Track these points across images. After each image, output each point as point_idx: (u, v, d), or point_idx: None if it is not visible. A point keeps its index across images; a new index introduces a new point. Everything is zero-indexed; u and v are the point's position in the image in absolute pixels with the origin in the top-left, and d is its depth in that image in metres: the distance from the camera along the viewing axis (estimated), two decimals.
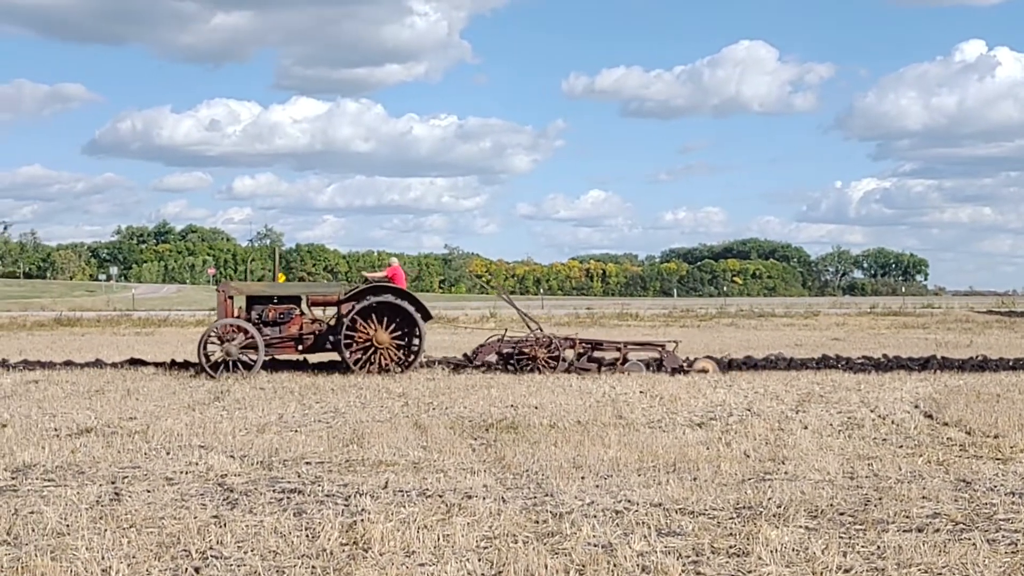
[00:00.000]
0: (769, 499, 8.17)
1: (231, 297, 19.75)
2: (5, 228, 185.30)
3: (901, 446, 10.88)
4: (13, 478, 9.10)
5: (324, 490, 8.61)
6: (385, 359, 18.65)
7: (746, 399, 14.81)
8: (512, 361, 19.06)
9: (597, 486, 8.77)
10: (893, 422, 12.58)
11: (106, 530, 7.21)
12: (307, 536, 7.09)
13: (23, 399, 14.88)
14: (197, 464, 9.73)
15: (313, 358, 20.21)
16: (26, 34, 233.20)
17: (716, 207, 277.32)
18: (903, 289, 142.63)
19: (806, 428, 12.04)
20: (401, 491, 8.55)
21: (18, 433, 11.55)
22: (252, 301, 19.65)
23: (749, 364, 20.34)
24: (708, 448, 10.60)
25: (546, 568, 6.35)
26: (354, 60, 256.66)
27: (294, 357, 19.99)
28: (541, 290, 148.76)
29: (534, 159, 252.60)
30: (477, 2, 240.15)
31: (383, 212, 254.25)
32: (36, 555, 6.54)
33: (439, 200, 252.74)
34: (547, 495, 8.39)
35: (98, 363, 20.31)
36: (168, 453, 10.36)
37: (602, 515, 7.68)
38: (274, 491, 8.58)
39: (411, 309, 18.85)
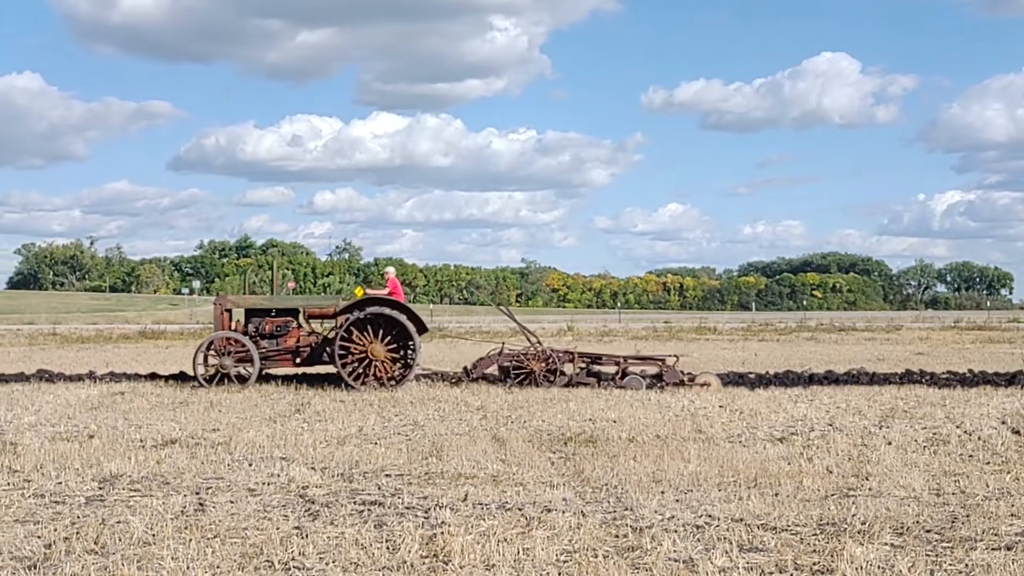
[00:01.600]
0: (853, 515, 8.05)
1: (228, 310, 19.98)
2: (92, 243, 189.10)
3: (988, 462, 10.66)
4: (100, 488, 9.27)
5: (404, 502, 8.65)
6: (380, 372, 18.69)
7: (828, 414, 14.62)
8: (511, 375, 19.09)
9: (677, 500, 8.71)
10: (979, 438, 12.33)
11: (191, 540, 7.30)
12: (388, 548, 7.13)
13: (110, 410, 15.16)
14: (279, 475, 9.83)
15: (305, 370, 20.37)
16: (115, 53, 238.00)
17: (795, 220, 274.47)
18: (987, 303, 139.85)
19: (890, 444, 11.85)
20: (480, 504, 8.56)
21: (105, 444, 11.77)
22: (250, 314, 19.86)
23: (830, 379, 20.07)
24: (790, 463, 10.47)
25: None
26: (434, 75, 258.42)
27: (291, 370, 20.17)
28: (618, 304, 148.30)
29: (612, 173, 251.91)
30: (557, 17, 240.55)
31: (461, 226, 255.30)
32: (123, 564, 6.65)
33: (517, 214, 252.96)
34: (627, 509, 8.35)
35: (182, 375, 20.61)
36: (250, 464, 10.48)
37: (682, 530, 7.63)
38: (355, 503, 8.64)
39: (405, 321, 18.86)
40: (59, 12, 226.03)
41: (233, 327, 19.77)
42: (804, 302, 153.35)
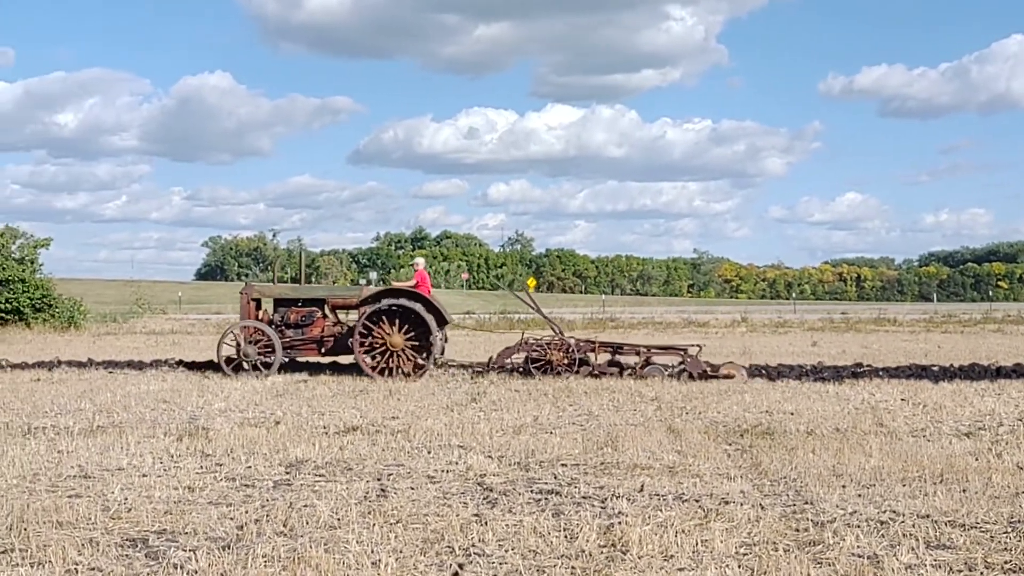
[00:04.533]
0: None
1: (255, 299, 20.38)
2: (274, 235, 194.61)
3: None
4: (287, 473, 9.59)
5: (580, 492, 8.69)
6: (399, 362, 18.85)
7: (1017, 408, 14.07)
8: (533, 365, 18.99)
9: (859, 495, 8.52)
10: None
11: (374, 524, 7.49)
12: (566, 537, 7.18)
13: (294, 398, 15.66)
14: (457, 463, 9.99)
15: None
16: (300, 51, 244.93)
17: (981, 208, 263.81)
18: None
19: None
20: (657, 495, 8.54)
21: (290, 430, 12.16)
22: (278, 303, 20.35)
23: (1020, 372, 19.29)
24: (977, 459, 10.12)
25: None
26: (609, 66, 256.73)
27: (317, 359, 20.57)
28: (793, 295, 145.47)
29: (788, 162, 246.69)
30: (734, 5, 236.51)
31: (634, 217, 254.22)
32: (311, 546, 6.86)
33: (690, 204, 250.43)
34: (806, 503, 8.21)
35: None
36: (429, 452, 10.69)
37: (866, 525, 7.46)
38: (531, 491, 8.72)
39: (423, 314, 18.92)
40: (248, 13, 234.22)
41: (260, 316, 20.25)
42: (989, 293, 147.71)
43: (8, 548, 6.91)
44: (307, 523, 7.57)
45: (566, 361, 18.92)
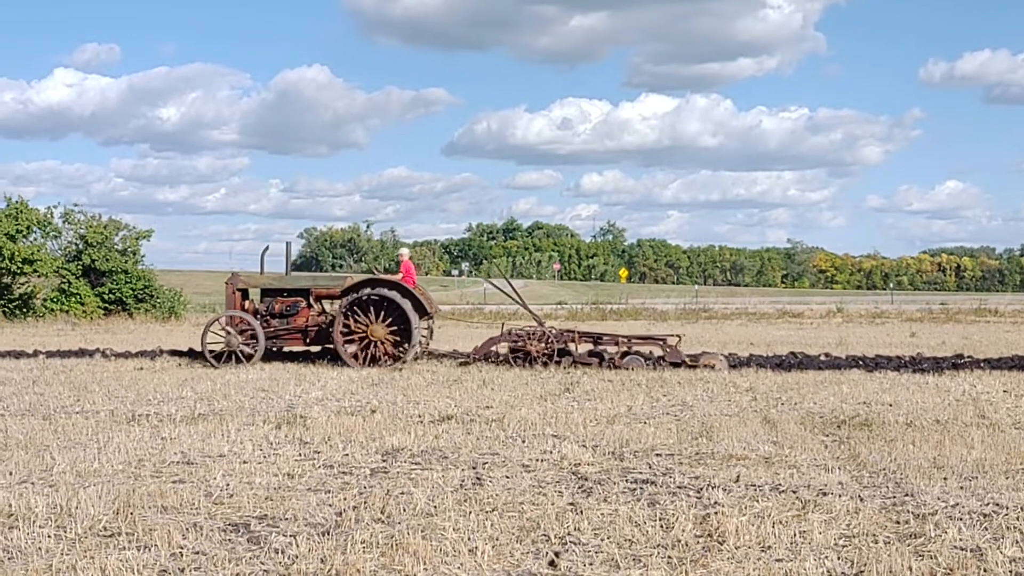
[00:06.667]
0: None
1: (240, 290, 20.56)
2: (368, 227, 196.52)
3: None
4: (384, 460, 9.69)
5: (676, 482, 8.66)
6: (380, 352, 19.02)
7: None
8: (512, 355, 19.01)
9: (961, 488, 8.37)
10: None
11: (470, 512, 7.55)
12: (661, 526, 7.16)
13: (389, 387, 15.82)
14: (551, 452, 10.02)
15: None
16: (396, 44, 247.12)
17: None
18: None
19: None
20: (753, 485, 8.48)
21: (386, 419, 12.29)
22: (264, 293, 20.58)
23: None
24: None
25: (910, 570, 6.13)
26: (705, 55, 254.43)
27: (301, 348, 20.73)
28: (890, 285, 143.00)
29: (887, 150, 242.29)
30: None
31: (727, 207, 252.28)
32: (408, 533, 6.94)
33: (785, 194, 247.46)
34: (907, 495, 8.09)
35: (454, 354, 21.26)
36: (523, 441, 10.73)
37: (968, 518, 7.33)
38: (626, 481, 8.72)
39: (403, 303, 19.01)
40: (346, 7, 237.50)
41: (247, 306, 20.48)
42: None
43: (115, 532, 7.09)
44: (404, 510, 7.65)
45: (545, 351, 18.97)
